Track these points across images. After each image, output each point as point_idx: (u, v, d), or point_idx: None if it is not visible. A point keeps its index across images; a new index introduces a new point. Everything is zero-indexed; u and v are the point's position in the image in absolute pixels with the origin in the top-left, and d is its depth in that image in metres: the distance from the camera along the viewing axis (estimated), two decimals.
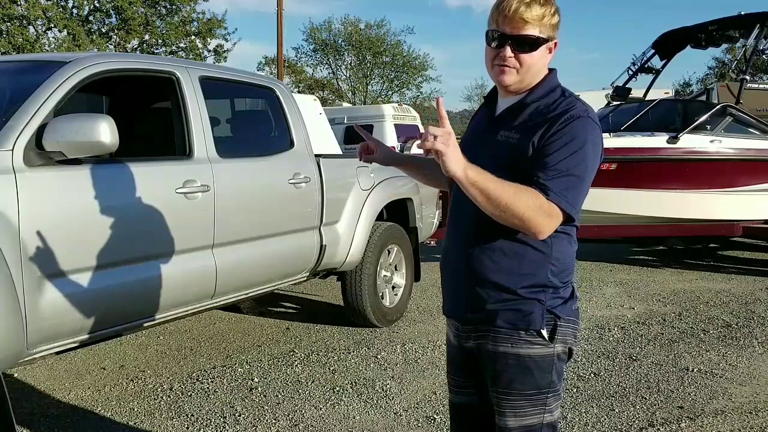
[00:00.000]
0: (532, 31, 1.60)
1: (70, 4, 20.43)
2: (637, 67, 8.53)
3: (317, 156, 4.38)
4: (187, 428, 3.26)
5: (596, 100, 11.02)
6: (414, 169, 2.13)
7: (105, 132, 2.72)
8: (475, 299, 1.70)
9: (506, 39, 1.61)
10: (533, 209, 1.53)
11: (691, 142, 6.82)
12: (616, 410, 3.43)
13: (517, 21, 1.59)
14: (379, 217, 4.90)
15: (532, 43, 1.61)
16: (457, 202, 1.74)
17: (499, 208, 1.52)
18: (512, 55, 1.62)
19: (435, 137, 1.44)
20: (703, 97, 11.02)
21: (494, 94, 1.78)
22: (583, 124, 1.59)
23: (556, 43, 1.67)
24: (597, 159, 1.64)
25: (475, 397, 1.84)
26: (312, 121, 7.11)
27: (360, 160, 2.04)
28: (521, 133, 1.63)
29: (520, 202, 1.52)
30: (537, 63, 1.64)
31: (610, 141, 6.97)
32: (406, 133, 15.55)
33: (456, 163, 1.47)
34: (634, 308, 5.63)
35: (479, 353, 1.74)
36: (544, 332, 1.66)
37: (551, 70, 1.72)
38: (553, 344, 1.68)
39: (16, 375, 3.89)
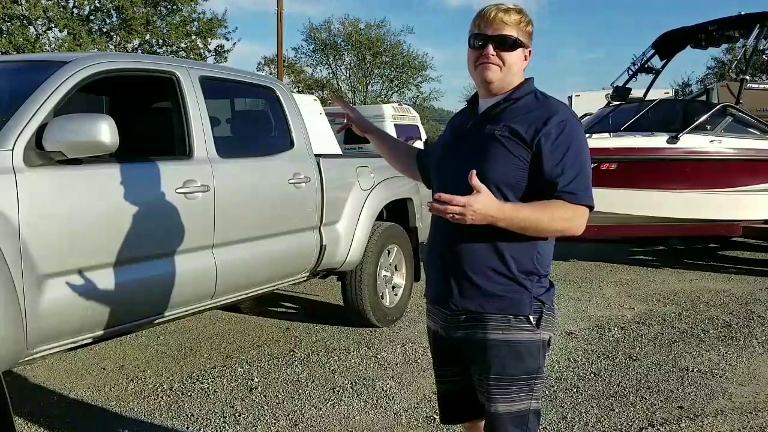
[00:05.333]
0: (511, 32, 1.79)
1: (71, 4, 20.43)
2: (637, 67, 8.52)
3: (317, 156, 4.38)
4: (187, 428, 3.26)
5: (596, 100, 11.05)
6: (384, 145, 2.35)
7: (105, 132, 2.72)
8: (466, 287, 1.79)
9: (488, 39, 1.79)
10: (568, 220, 1.73)
11: (691, 142, 6.82)
12: (616, 410, 3.43)
13: (497, 23, 1.78)
14: (379, 217, 4.90)
15: (512, 43, 1.79)
16: (449, 193, 1.82)
17: (538, 233, 1.74)
18: (494, 53, 1.79)
19: (462, 214, 1.60)
20: (703, 97, 11.03)
21: (475, 99, 1.94)
22: (575, 123, 1.78)
23: (530, 52, 1.86)
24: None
25: (461, 384, 1.95)
26: (312, 121, 7.10)
27: (343, 128, 2.40)
28: (509, 124, 1.77)
29: (555, 222, 1.71)
30: (516, 64, 1.82)
31: (610, 141, 6.98)
32: (406, 133, 15.55)
33: (486, 221, 1.64)
34: (634, 308, 5.63)
35: (468, 343, 1.84)
36: (532, 319, 1.78)
37: (529, 78, 1.88)
38: (539, 330, 1.80)
39: (16, 375, 3.89)
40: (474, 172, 1.61)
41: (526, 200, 1.73)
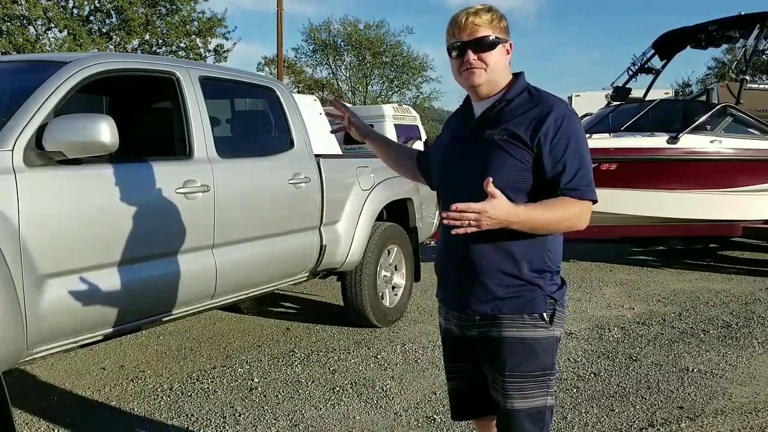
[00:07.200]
0: (486, 32, 1.78)
1: (71, 4, 20.44)
2: (637, 67, 8.52)
3: (317, 156, 4.38)
4: (187, 428, 3.26)
5: (596, 100, 11.05)
6: (384, 150, 2.32)
7: (105, 132, 2.72)
8: (481, 292, 1.81)
9: (466, 45, 1.79)
10: (575, 217, 1.75)
11: (691, 142, 6.82)
12: (616, 410, 3.43)
13: (470, 27, 1.78)
14: (379, 217, 4.90)
15: (490, 43, 1.79)
16: (452, 198, 1.80)
17: (547, 231, 1.77)
18: (476, 57, 1.79)
19: (477, 221, 1.61)
20: (703, 98, 11.03)
21: (469, 102, 1.93)
22: (572, 118, 1.78)
23: (511, 45, 1.85)
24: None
25: (473, 380, 1.97)
26: (312, 121, 7.09)
27: (339, 130, 2.34)
28: (508, 128, 1.77)
29: (565, 220, 1.74)
30: (500, 62, 1.81)
31: (610, 141, 6.98)
32: (406, 133, 15.56)
33: (501, 225, 1.65)
34: (634, 308, 5.63)
35: (483, 341, 1.85)
36: (546, 316, 1.81)
37: (519, 74, 1.88)
38: (552, 327, 1.82)
39: (16, 375, 3.89)
40: (490, 179, 1.62)
41: (533, 199, 1.74)
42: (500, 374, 1.83)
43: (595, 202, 1.77)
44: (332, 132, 2.41)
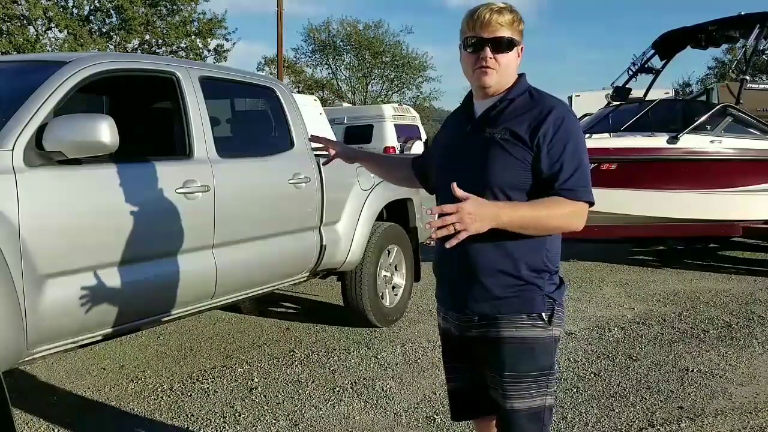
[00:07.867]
0: (505, 33, 1.77)
1: (71, 4, 20.44)
2: (637, 67, 8.51)
3: (317, 156, 4.38)
4: (187, 428, 3.26)
5: (596, 100, 11.05)
6: (374, 165, 2.36)
7: (105, 132, 2.72)
8: (480, 293, 1.81)
9: (485, 42, 1.77)
10: (567, 217, 1.74)
11: (691, 142, 6.82)
12: (616, 410, 3.43)
13: (492, 25, 1.76)
14: (379, 217, 4.90)
15: (508, 44, 1.78)
16: (451, 198, 1.80)
17: (538, 231, 1.75)
18: (492, 56, 1.77)
19: (460, 221, 1.58)
20: (703, 97, 11.03)
21: (470, 99, 1.92)
22: (571, 119, 1.79)
23: (522, 48, 1.85)
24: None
25: (472, 380, 1.97)
26: (312, 121, 7.09)
27: (324, 165, 2.38)
28: (509, 127, 1.77)
29: (555, 219, 1.73)
30: (511, 63, 1.82)
31: (610, 141, 6.97)
32: (406, 133, 15.57)
33: (488, 222, 1.63)
34: (634, 308, 5.63)
35: (481, 342, 1.85)
36: (545, 315, 1.81)
37: (520, 75, 1.88)
38: (551, 327, 1.83)
39: (16, 375, 3.89)
40: (455, 183, 1.61)
41: (532, 199, 1.74)
42: (499, 374, 1.82)
43: (591, 204, 1.76)
44: (324, 164, 2.48)
